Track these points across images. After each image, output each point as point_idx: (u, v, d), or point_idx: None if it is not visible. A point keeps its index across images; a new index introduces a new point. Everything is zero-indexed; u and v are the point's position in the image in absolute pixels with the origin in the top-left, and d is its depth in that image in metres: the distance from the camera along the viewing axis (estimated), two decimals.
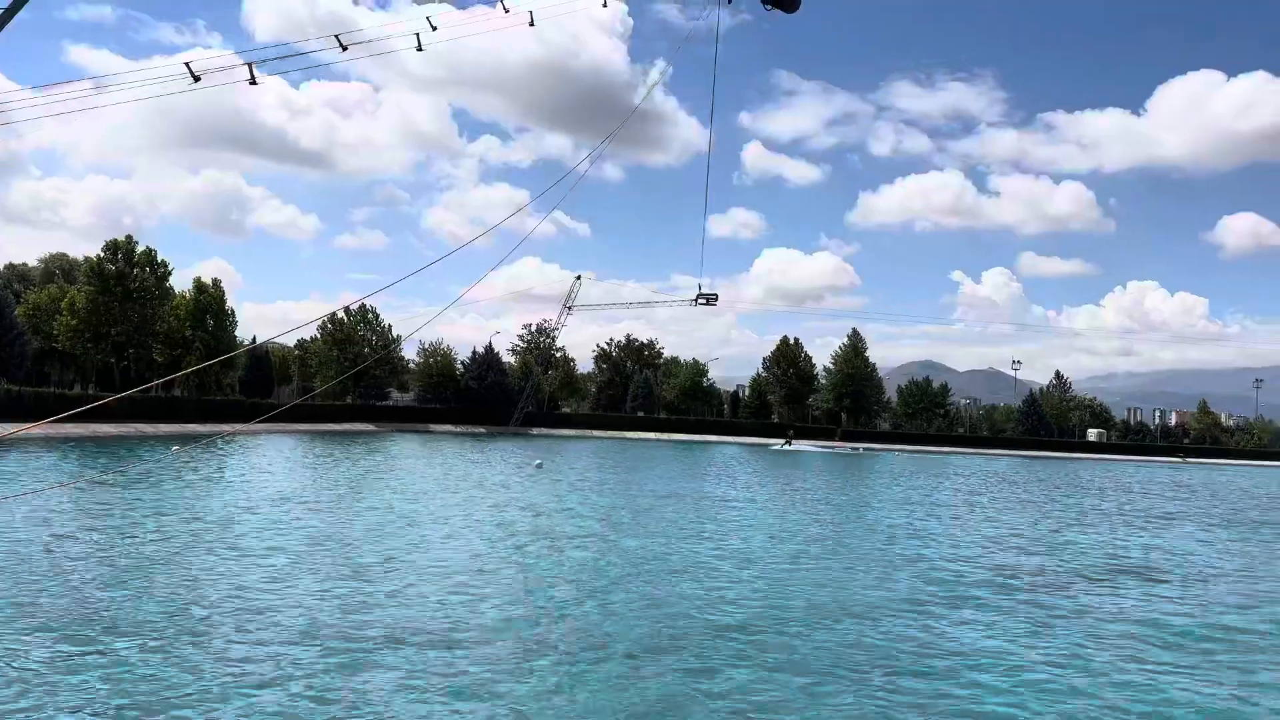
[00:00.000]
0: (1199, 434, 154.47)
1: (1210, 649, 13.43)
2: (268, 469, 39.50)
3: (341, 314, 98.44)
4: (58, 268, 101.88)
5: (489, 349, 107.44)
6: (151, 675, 10.07)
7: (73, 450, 44.14)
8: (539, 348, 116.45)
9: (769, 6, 12.13)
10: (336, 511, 25.27)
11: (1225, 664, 12.63)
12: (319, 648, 11.40)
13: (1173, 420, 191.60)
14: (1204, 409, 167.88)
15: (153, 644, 11.21)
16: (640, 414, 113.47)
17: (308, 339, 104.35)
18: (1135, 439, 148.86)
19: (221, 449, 50.65)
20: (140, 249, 79.79)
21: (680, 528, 25.07)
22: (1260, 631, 14.83)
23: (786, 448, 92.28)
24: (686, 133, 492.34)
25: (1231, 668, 12.43)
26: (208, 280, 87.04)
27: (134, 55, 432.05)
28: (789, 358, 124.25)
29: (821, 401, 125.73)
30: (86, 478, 30.57)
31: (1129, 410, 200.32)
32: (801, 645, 12.59)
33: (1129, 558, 23.35)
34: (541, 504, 29.72)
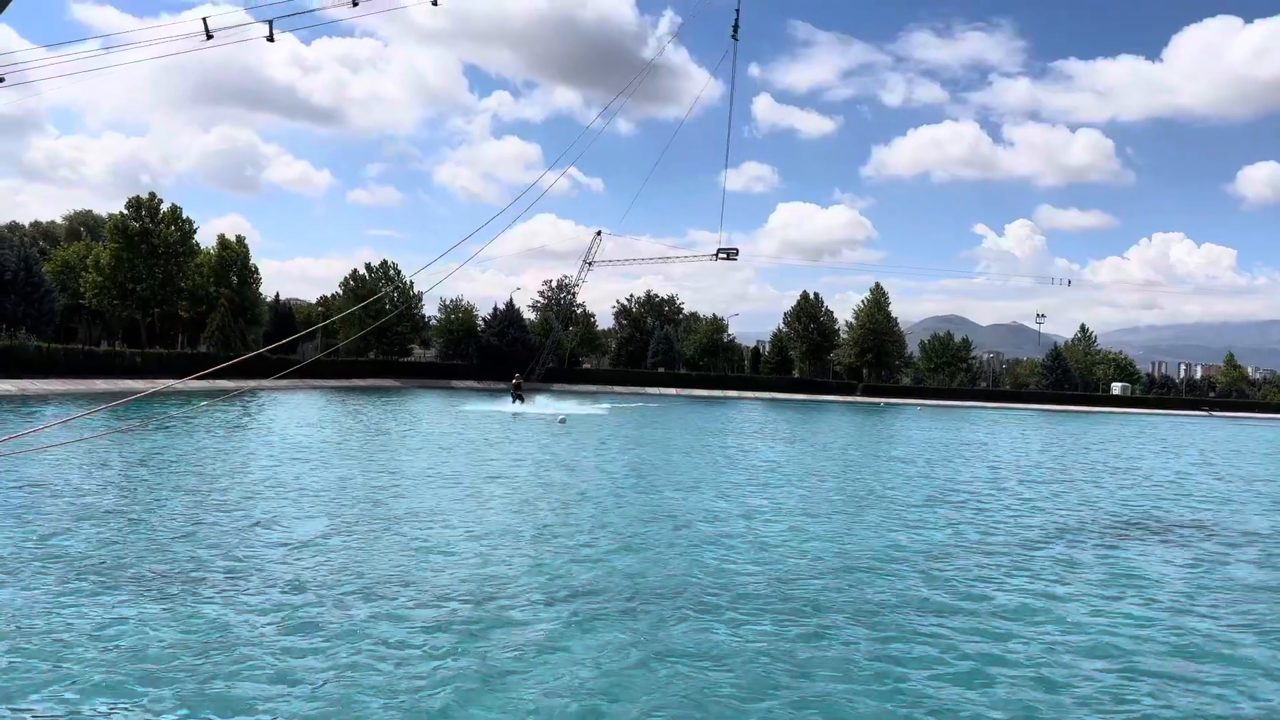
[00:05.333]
0: (1225, 387, 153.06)
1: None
2: (292, 423, 39.96)
3: (363, 270, 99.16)
4: (82, 225, 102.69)
5: (510, 305, 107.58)
6: (186, 624, 10.31)
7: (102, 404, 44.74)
8: (559, 304, 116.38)
9: None
10: (359, 466, 25.57)
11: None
12: (338, 600, 11.62)
13: (1198, 374, 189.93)
14: (1230, 362, 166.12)
15: (187, 592, 11.47)
16: (661, 370, 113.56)
17: (329, 295, 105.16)
18: (1160, 393, 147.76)
19: (248, 404, 51.22)
20: (165, 206, 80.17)
21: (710, 480, 25.22)
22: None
23: (520, 406, 56.59)
24: (698, 85, 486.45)
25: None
26: (231, 237, 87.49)
27: (138, 13, 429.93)
28: (809, 313, 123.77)
29: (843, 357, 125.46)
30: (112, 427, 31.02)
31: (1153, 364, 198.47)
32: (839, 597, 12.70)
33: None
34: (569, 458, 29.95)
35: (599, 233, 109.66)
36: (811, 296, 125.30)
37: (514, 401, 58.24)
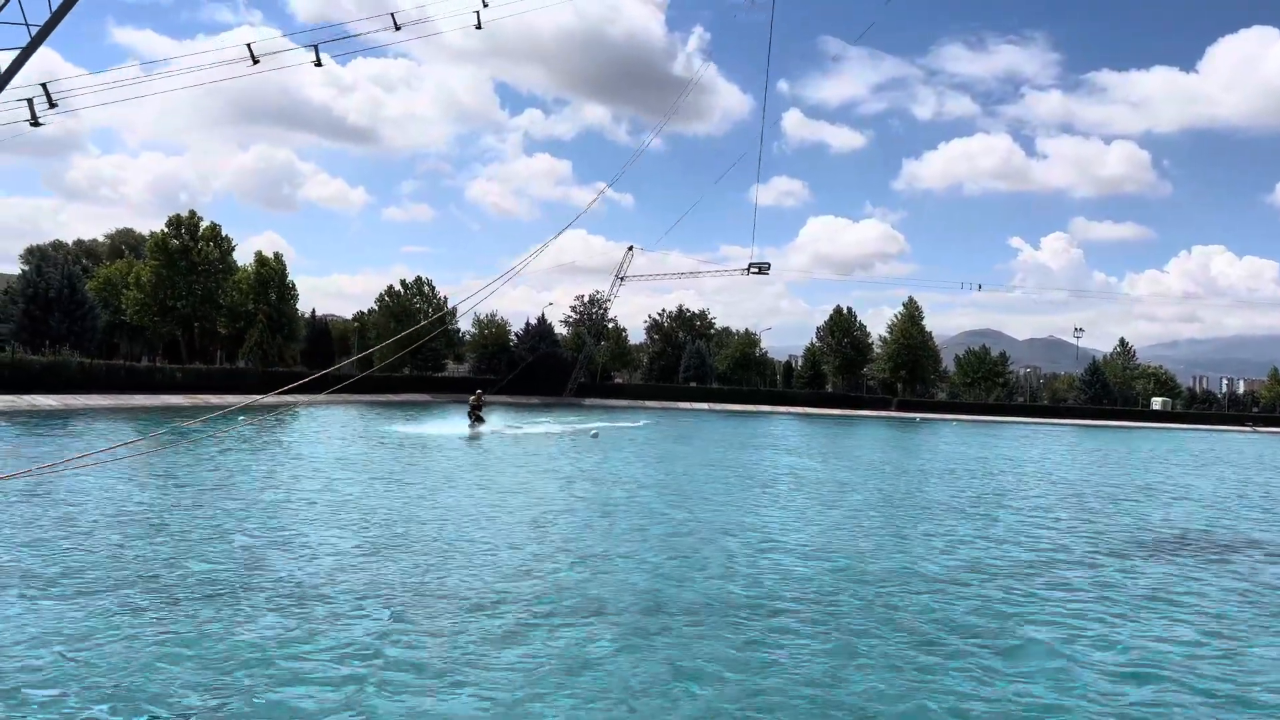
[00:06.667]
0: (1269, 402, 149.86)
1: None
2: (330, 439, 40.27)
3: (399, 286, 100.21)
4: (123, 243, 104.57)
5: (542, 320, 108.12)
6: (223, 641, 10.33)
7: (144, 420, 45.40)
8: (591, 318, 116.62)
9: None
10: (390, 481, 25.68)
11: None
12: (373, 614, 11.60)
13: (1240, 388, 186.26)
14: (1274, 376, 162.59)
15: (229, 609, 11.50)
16: (693, 384, 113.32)
17: (365, 311, 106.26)
18: (1202, 408, 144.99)
19: (286, 419, 51.69)
20: (204, 224, 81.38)
21: (742, 494, 25.04)
22: None
23: (478, 428, 46.62)
24: (727, 101, 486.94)
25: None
26: (268, 254, 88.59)
27: (176, 35, 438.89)
28: (843, 327, 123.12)
29: (877, 371, 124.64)
30: (147, 443, 31.40)
31: (1194, 378, 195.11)
32: (878, 613, 12.50)
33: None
34: (602, 472, 29.88)
35: (630, 248, 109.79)
36: (845, 311, 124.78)
37: (471, 424, 47.21)
